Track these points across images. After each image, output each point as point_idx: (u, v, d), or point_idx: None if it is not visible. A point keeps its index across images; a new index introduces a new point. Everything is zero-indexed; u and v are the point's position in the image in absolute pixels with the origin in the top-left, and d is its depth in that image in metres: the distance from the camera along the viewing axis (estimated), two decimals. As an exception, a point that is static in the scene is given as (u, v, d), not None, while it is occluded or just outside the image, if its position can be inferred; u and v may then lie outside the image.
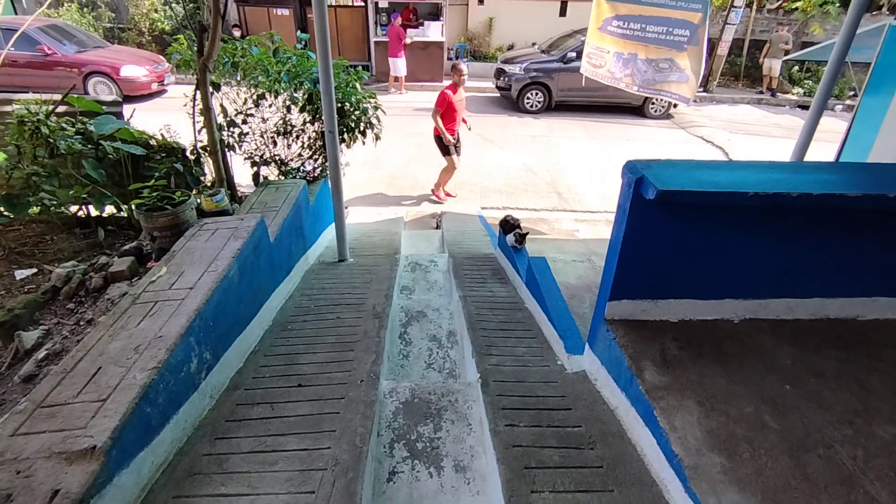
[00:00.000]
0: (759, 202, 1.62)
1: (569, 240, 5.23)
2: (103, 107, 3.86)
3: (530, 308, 2.94)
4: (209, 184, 4.03)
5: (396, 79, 11.34)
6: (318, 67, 3.02)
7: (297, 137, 4.31)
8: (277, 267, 2.95)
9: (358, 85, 4.29)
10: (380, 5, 12.42)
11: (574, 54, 9.73)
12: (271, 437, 1.75)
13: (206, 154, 3.90)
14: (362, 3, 12.53)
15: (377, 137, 4.48)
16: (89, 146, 3.45)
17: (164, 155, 3.66)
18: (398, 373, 2.52)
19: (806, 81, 12.47)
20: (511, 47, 13.32)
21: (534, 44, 12.47)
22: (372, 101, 4.34)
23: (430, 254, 4.35)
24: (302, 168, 4.44)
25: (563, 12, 12.95)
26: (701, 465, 1.42)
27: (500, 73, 10.78)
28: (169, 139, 3.94)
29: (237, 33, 11.60)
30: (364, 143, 4.44)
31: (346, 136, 4.29)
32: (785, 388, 1.69)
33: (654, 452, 1.59)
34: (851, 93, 11.53)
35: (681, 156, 8.32)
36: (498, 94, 11.40)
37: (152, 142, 3.79)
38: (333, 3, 12.44)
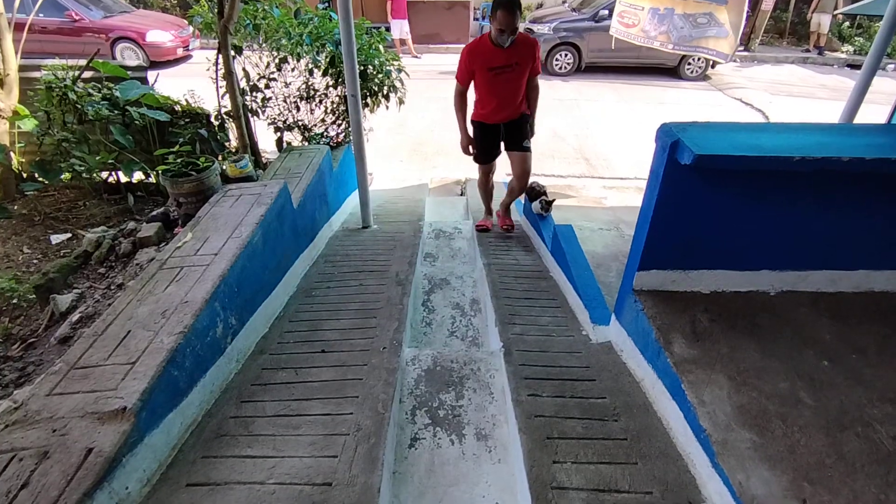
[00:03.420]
0: (805, 168, 1.51)
1: (596, 207, 5.10)
2: (128, 72, 3.87)
3: (555, 277, 2.89)
4: (234, 149, 4.04)
5: (403, 42, 11.00)
6: (340, 29, 2.93)
7: (321, 102, 4.26)
8: (301, 233, 2.96)
9: (381, 47, 4.18)
10: (404, -37, 11.99)
11: (606, 12, 9.27)
12: (295, 402, 1.78)
13: (230, 119, 3.89)
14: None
15: (401, 101, 4.40)
16: (116, 112, 3.47)
17: (188, 121, 3.66)
18: (421, 340, 2.52)
19: (857, 38, 11.65)
20: (540, 5, 12.80)
21: (564, 1, 11.94)
22: (395, 63, 4.23)
23: (454, 221, 4.30)
24: (325, 133, 4.40)
25: (596, -33, 12.29)
26: (730, 441, 1.37)
27: (528, 33, 10.39)
28: (193, 105, 3.94)
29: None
30: (388, 107, 4.36)
31: (368, 100, 4.22)
32: (823, 363, 1.61)
33: (681, 426, 1.56)
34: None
35: (717, 119, 7.96)
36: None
37: (177, 107, 3.80)
38: (356, -38, 12.07)
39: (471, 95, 3.27)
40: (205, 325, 1.79)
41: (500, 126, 3.26)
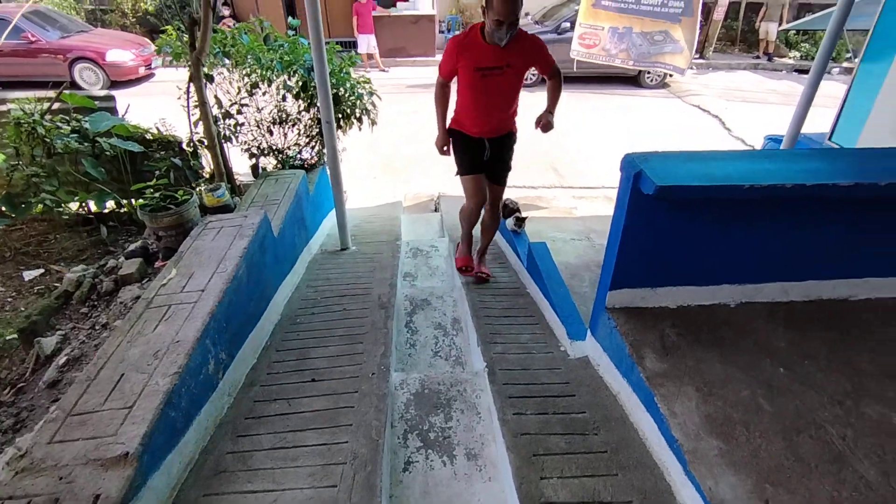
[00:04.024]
0: (754, 195, 1.67)
1: (567, 217, 5.27)
2: (96, 102, 3.84)
3: (532, 293, 3.01)
4: (208, 176, 4.04)
5: (370, 56, 11.10)
6: (313, 56, 3.00)
7: (294, 125, 4.30)
8: (282, 260, 3.00)
9: (352, 70, 4.26)
10: (368, -22, 12.10)
11: (568, 24, 9.58)
12: (291, 433, 1.83)
13: (203, 147, 3.90)
14: (349, -24, 12.22)
15: (373, 123, 4.47)
16: (86, 144, 3.45)
17: (161, 149, 3.66)
18: (406, 362, 2.60)
19: (803, 45, 12.32)
20: (503, 18, 13.04)
21: (527, 14, 12.23)
22: (367, 86, 4.31)
23: (430, 238, 4.39)
24: (299, 156, 4.44)
25: (555, -20, 12.65)
26: (699, 449, 1.50)
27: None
28: (165, 132, 3.93)
29: (226, 12, 11.31)
30: (360, 129, 4.43)
31: (342, 122, 4.28)
32: (779, 371, 1.77)
33: (656, 437, 1.68)
34: (849, 55, 11.40)
35: (677, 126, 8.30)
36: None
37: (148, 136, 3.79)
38: (320, -22, 12.13)
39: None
40: (197, 363, 1.83)
41: (483, 142, 2.76)
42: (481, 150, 2.79)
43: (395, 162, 6.93)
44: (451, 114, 2.86)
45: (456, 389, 2.17)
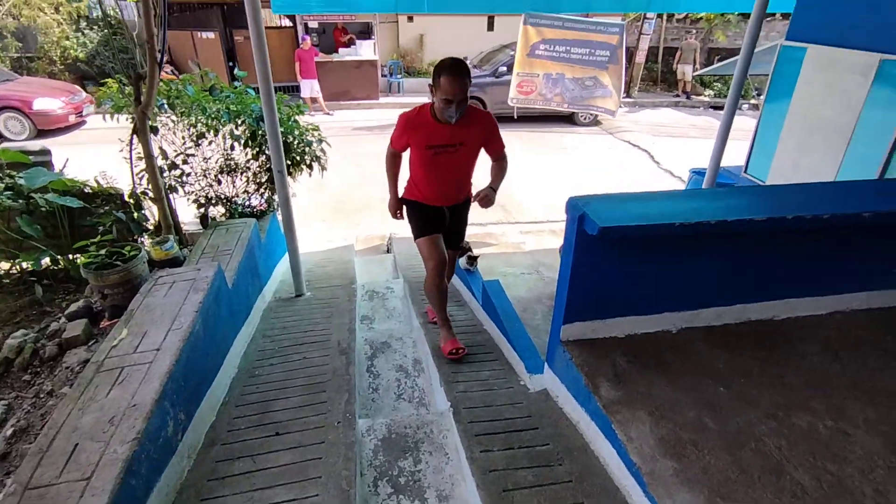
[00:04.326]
0: (684, 231, 1.85)
1: (516, 252, 5.46)
2: (31, 157, 3.69)
3: (488, 329, 3.10)
4: (152, 228, 3.93)
5: (314, 100, 11.25)
6: (264, 110, 3.06)
7: (242, 174, 4.29)
8: (237, 312, 2.96)
9: (300, 118, 4.33)
10: (309, 25, 12.37)
11: (505, 68, 10.12)
12: (258, 492, 1.79)
13: (146, 199, 3.81)
14: (290, 24, 12.44)
15: (323, 169, 4.53)
16: (20, 201, 3.29)
17: (104, 203, 3.54)
18: (370, 407, 2.60)
19: (715, 84, 13.54)
20: (443, 62, 13.61)
21: (465, 58, 12.81)
22: (316, 133, 4.38)
23: (385, 280, 4.43)
24: (248, 203, 4.41)
25: (490, 27, 13.41)
26: (656, 471, 1.61)
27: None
28: (105, 185, 3.82)
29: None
30: (311, 174, 4.47)
31: (291, 169, 4.31)
32: (720, 390, 1.92)
33: (616, 462, 1.78)
34: (755, 93, 12.65)
35: (611, 161, 8.85)
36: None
37: (87, 189, 3.67)
38: (266, 26, 12.25)
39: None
40: (156, 427, 1.77)
41: (442, 209, 2.74)
42: (440, 214, 2.76)
43: (345, 204, 6.97)
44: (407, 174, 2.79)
45: (423, 431, 2.19)
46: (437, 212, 2.74)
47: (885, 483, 1.55)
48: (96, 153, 4.19)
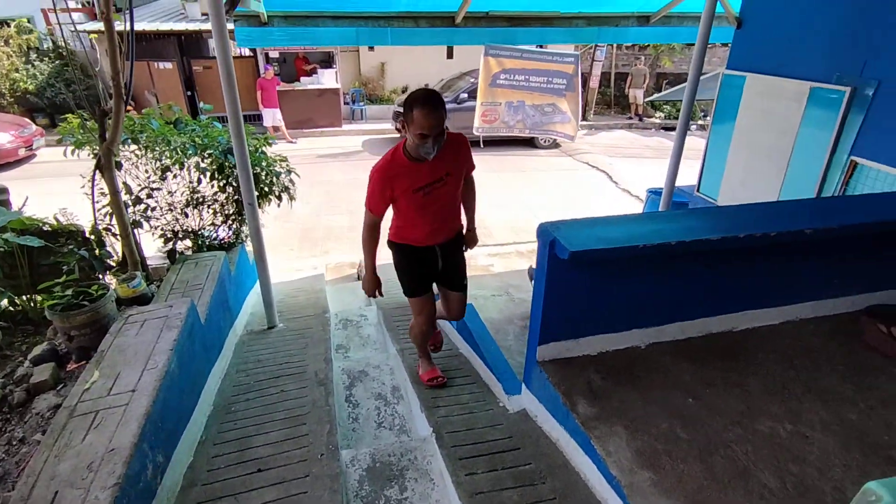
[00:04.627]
0: (647, 252, 1.98)
1: (485, 275, 5.56)
2: (-14, 195, 3.57)
3: (464, 353, 3.16)
4: (114, 264, 3.83)
5: (277, 128, 11.23)
6: (234, 145, 3.07)
7: (209, 206, 4.25)
8: (210, 348, 2.92)
9: (267, 149, 4.34)
10: (270, 55, 12.41)
11: (466, 95, 10.41)
12: (243, 531, 1.77)
13: (108, 234, 3.72)
14: (251, 54, 12.45)
15: (292, 198, 4.53)
16: (-24, 242, 3.17)
17: (67, 241, 3.45)
18: (351, 437, 2.60)
19: (665, 106, 14.26)
20: (405, 90, 13.86)
21: (426, 85, 13.08)
22: (284, 164, 4.40)
23: (357, 307, 4.44)
24: (215, 236, 4.36)
25: (450, 55, 13.76)
26: (635, 483, 1.68)
27: (397, 115, 11.20)
28: (65, 222, 3.71)
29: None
30: (279, 205, 4.47)
31: (260, 200, 4.30)
32: (688, 401, 2.03)
33: (596, 477, 1.85)
34: (702, 114, 13.40)
35: (571, 182, 9.15)
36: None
37: (46, 227, 3.56)
38: (221, 55, 12.20)
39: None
40: (136, 470, 1.74)
41: (434, 249, 2.51)
42: (432, 259, 2.53)
43: (312, 233, 6.95)
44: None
45: (407, 458, 2.21)
46: (429, 255, 2.51)
47: (842, 480, 1.67)
48: (48, 188, 4.07)
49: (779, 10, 4.01)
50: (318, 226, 7.18)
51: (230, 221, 4.37)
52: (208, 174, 4.02)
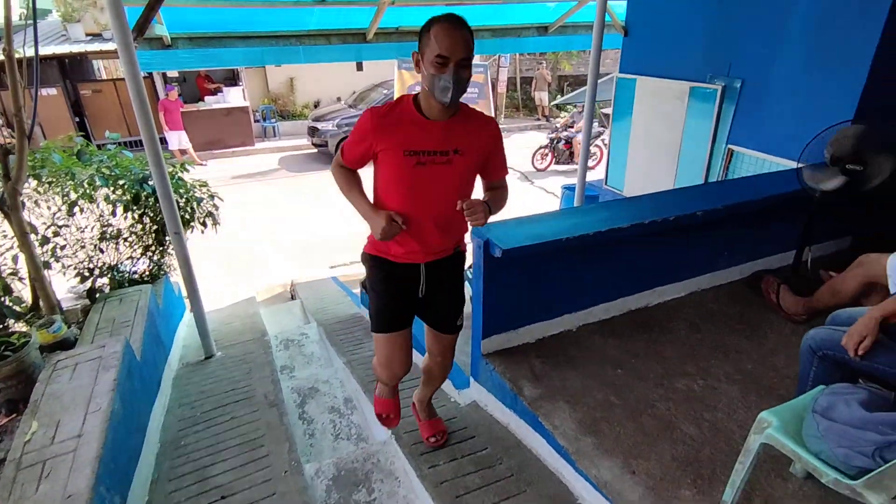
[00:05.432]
0: (570, 243, 2.22)
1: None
2: None
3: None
4: (22, 310, 3.55)
5: (184, 152, 10.68)
6: (153, 174, 2.98)
7: (126, 239, 4.05)
8: (149, 385, 2.82)
9: (186, 176, 4.21)
10: (169, 75, 11.80)
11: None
12: (217, 558, 1.78)
13: (16, 279, 3.45)
14: (147, 74, 11.75)
15: (216, 224, 4.42)
16: None
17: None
18: (310, 453, 2.63)
19: (568, 107, 15.19)
20: (317, 104, 13.71)
21: (339, 98, 13.04)
22: (205, 189, 4.29)
23: (296, 327, 4.41)
24: (134, 269, 4.15)
25: (359, 67, 13.80)
26: (580, 449, 1.90)
27: (313, 130, 11.08)
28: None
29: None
30: (203, 231, 4.34)
31: (183, 228, 4.15)
32: (617, 371, 2.30)
33: (546, 450, 2.05)
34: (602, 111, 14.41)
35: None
36: (315, 150, 11.64)
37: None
38: (115, 77, 11.45)
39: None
40: (97, 515, 1.70)
41: (417, 269, 1.82)
42: (412, 282, 1.84)
43: (237, 257, 6.74)
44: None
45: (370, 462, 2.29)
46: (409, 276, 1.83)
47: (745, 419, 1.99)
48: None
49: (658, 20, 4.52)
50: (241, 248, 6.97)
51: (151, 253, 4.19)
52: (121, 206, 3.84)
